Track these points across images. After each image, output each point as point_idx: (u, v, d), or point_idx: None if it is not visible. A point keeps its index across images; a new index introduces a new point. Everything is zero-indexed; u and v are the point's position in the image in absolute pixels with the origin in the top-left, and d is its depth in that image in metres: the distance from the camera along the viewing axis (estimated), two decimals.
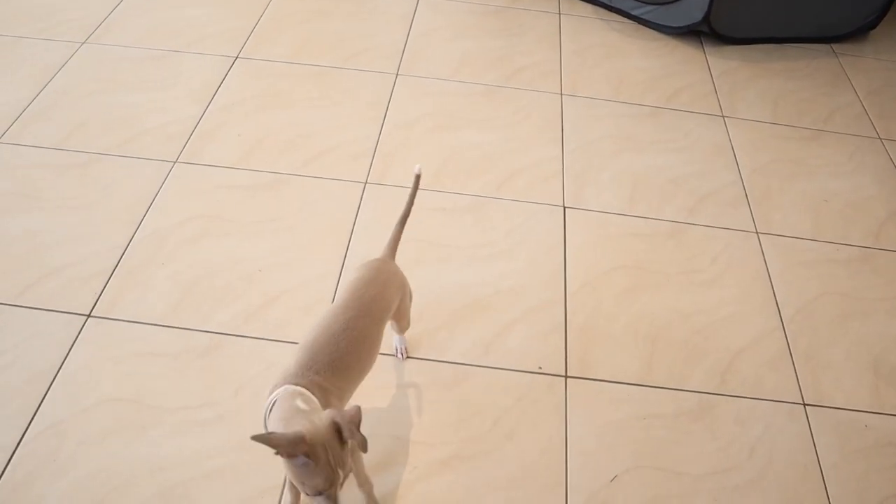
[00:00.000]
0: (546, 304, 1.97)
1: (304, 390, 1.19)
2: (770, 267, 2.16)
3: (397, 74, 2.70)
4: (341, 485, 1.09)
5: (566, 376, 1.82)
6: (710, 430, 1.75)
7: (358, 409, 1.08)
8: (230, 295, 1.90)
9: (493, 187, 2.29)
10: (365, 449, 1.07)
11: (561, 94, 2.71)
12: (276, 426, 1.12)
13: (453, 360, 1.82)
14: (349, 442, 1.09)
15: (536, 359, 1.84)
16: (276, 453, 1.03)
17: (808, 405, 1.83)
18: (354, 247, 2.05)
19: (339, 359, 1.27)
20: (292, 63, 2.69)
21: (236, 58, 2.68)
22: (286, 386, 1.19)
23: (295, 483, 1.09)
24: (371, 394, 1.71)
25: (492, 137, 2.48)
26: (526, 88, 2.71)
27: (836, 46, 3.17)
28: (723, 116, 2.70)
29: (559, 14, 3.14)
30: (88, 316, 1.82)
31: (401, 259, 2.01)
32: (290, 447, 1.02)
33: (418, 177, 1.57)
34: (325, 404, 1.21)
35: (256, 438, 0.99)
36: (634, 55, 2.96)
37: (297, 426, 1.07)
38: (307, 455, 1.04)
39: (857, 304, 2.09)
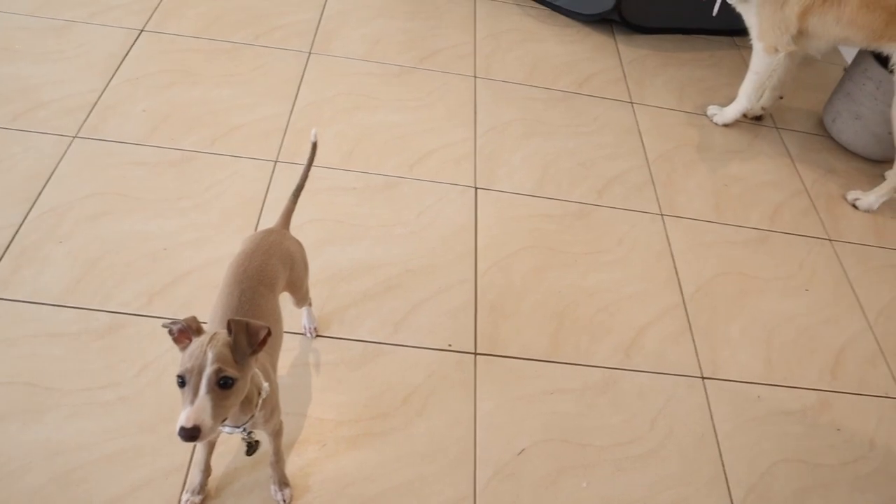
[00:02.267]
0: (456, 283, 1.99)
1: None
2: (673, 247, 2.24)
3: (310, 53, 2.66)
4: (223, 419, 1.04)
5: (475, 353, 1.84)
6: (614, 403, 1.81)
7: (263, 328, 1.06)
8: (133, 274, 1.84)
9: (406, 168, 2.29)
10: (239, 351, 1.04)
11: (475, 76, 2.72)
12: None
13: (363, 339, 1.81)
14: (251, 360, 1.08)
15: (446, 336, 1.86)
16: (168, 331, 1.07)
17: (706, 378, 1.91)
18: (264, 225, 2.01)
19: None
20: (201, 38, 2.61)
21: (142, 31, 2.59)
22: None
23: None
24: (280, 372, 1.69)
25: (405, 118, 2.47)
26: (440, 70, 2.71)
27: (737, 39, 3.30)
28: (631, 102, 2.78)
29: None
30: None
31: (310, 237, 2.00)
32: (178, 322, 1.06)
33: (315, 144, 1.56)
34: (266, 376, 1.22)
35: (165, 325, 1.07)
36: (548, 41, 3.01)
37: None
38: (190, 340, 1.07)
39: (752, 282, 2.19)
